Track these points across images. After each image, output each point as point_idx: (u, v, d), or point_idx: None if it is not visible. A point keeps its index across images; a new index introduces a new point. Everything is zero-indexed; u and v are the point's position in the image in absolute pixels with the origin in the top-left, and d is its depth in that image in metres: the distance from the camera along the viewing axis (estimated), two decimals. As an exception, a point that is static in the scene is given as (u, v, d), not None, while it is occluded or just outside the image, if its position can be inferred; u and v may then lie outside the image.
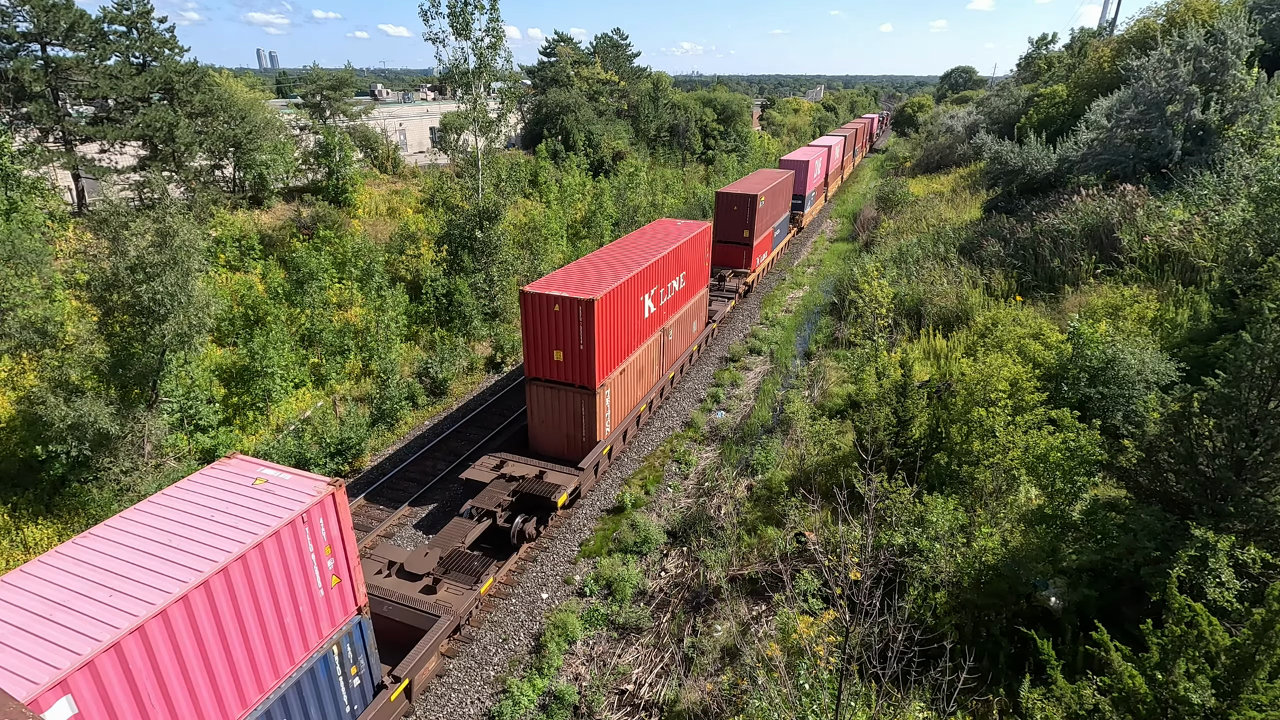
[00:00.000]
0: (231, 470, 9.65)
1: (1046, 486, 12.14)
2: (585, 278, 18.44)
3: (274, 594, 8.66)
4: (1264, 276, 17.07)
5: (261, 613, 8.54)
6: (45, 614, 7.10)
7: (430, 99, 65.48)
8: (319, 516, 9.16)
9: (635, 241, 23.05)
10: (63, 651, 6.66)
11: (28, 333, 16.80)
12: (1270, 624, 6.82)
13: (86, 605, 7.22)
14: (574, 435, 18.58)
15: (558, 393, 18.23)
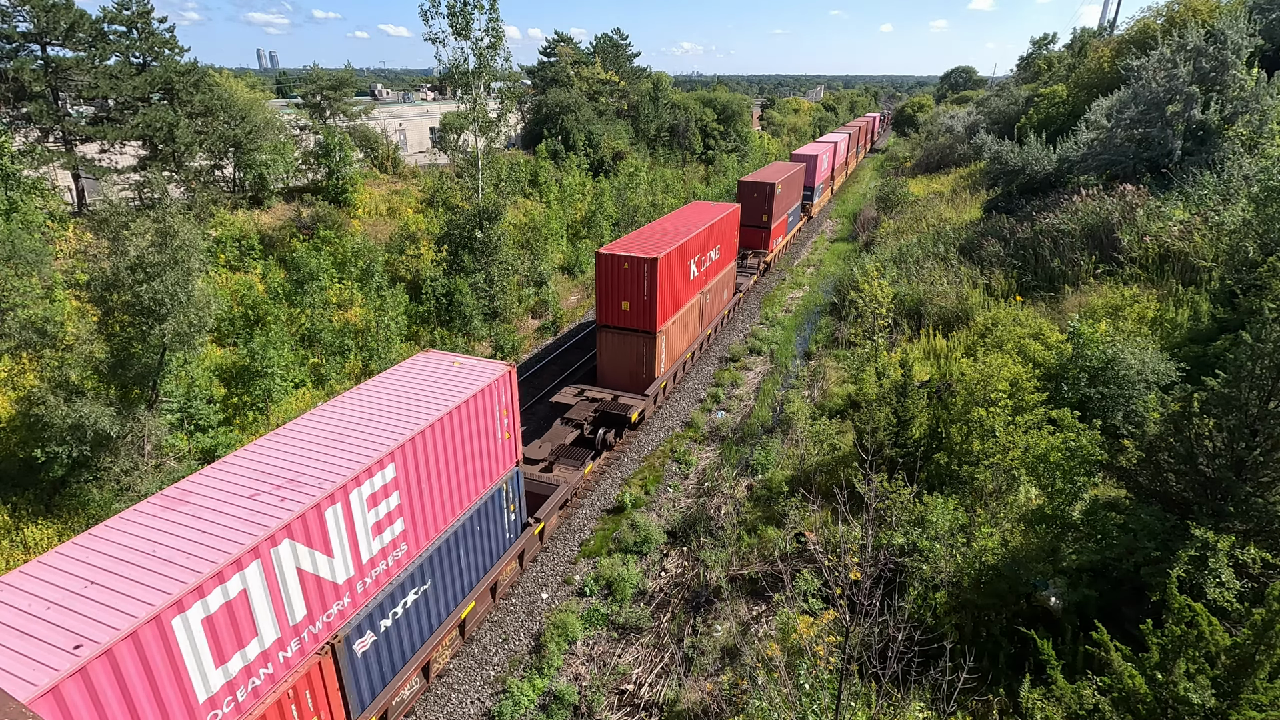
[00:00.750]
0: (432, 359, 13.84)
1: (1046, 486, 12.14)
2: (644, 244, 22.35)
3: (475, 436, 12.67)
4: (1264, 276, 17.07)
5: (468, 448, 12.55)
6: (336, 437, 10.73)
7: (430, 99, 65.49)
8: (500, 386, 13.26)
9: (679, 217, 26.97)
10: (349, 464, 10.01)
11: (28, 333, 16.80)
12: (1270, 624, 6.82)
13: (372, 429, 10.97)
14: (636, 371, 22.53)
15: (624, 336, 22.22)
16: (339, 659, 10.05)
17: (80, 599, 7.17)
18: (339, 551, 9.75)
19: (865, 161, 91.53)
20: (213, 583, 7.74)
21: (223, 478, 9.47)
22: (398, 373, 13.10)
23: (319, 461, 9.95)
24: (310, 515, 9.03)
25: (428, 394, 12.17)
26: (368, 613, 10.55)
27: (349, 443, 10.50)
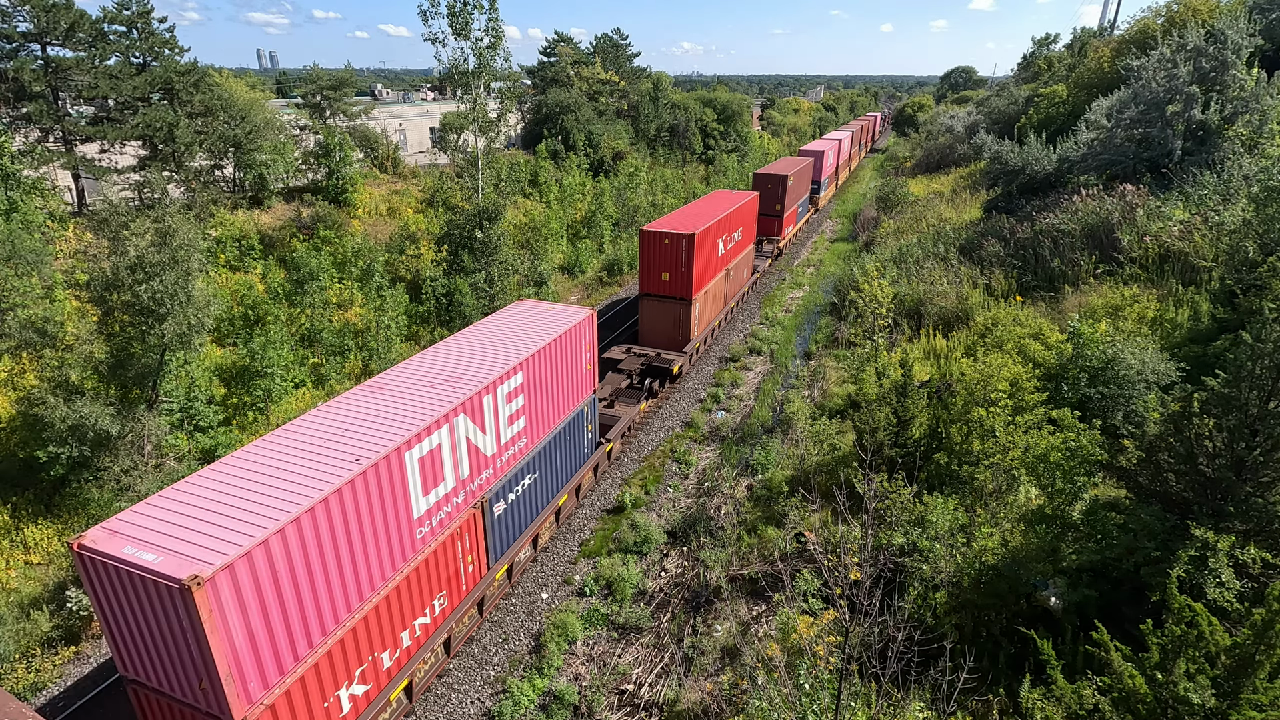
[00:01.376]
0: (529, 305, 17.57)
1: (1046, 486, 12.14)
2: (681, 223, 25.80)
3: (569, 363, 16.18)
4: (1264, 276, 17.07)
5: (565, 371, 16.04)
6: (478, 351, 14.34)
7: (430, 99, 65.49)
8: (585, 325, 16.78)
9: (707, 202, 30.40)
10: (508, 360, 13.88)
11: (28, 333, 16.80)
12: (1270, 624, 6.82)
13: (503, 348, 14.43)
14: (673, 334, 25.83)
15: (663, 303, 25.50)
16: (485, 515, 13.52)
17: (346, 436, 10.73)
18: (489, 431, 13.27)
19: (865, 161, 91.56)
20: (422, 434, 11.18)
21: (402, 375, 13.02)
22: (505, 314, 16.89)
23: (470, 366, 13.50)
24: (475, 399, 12.51)
25: (535, 327, 15.77)
26: (501, 485, 14.04)
27: (488, 355, 14.06)
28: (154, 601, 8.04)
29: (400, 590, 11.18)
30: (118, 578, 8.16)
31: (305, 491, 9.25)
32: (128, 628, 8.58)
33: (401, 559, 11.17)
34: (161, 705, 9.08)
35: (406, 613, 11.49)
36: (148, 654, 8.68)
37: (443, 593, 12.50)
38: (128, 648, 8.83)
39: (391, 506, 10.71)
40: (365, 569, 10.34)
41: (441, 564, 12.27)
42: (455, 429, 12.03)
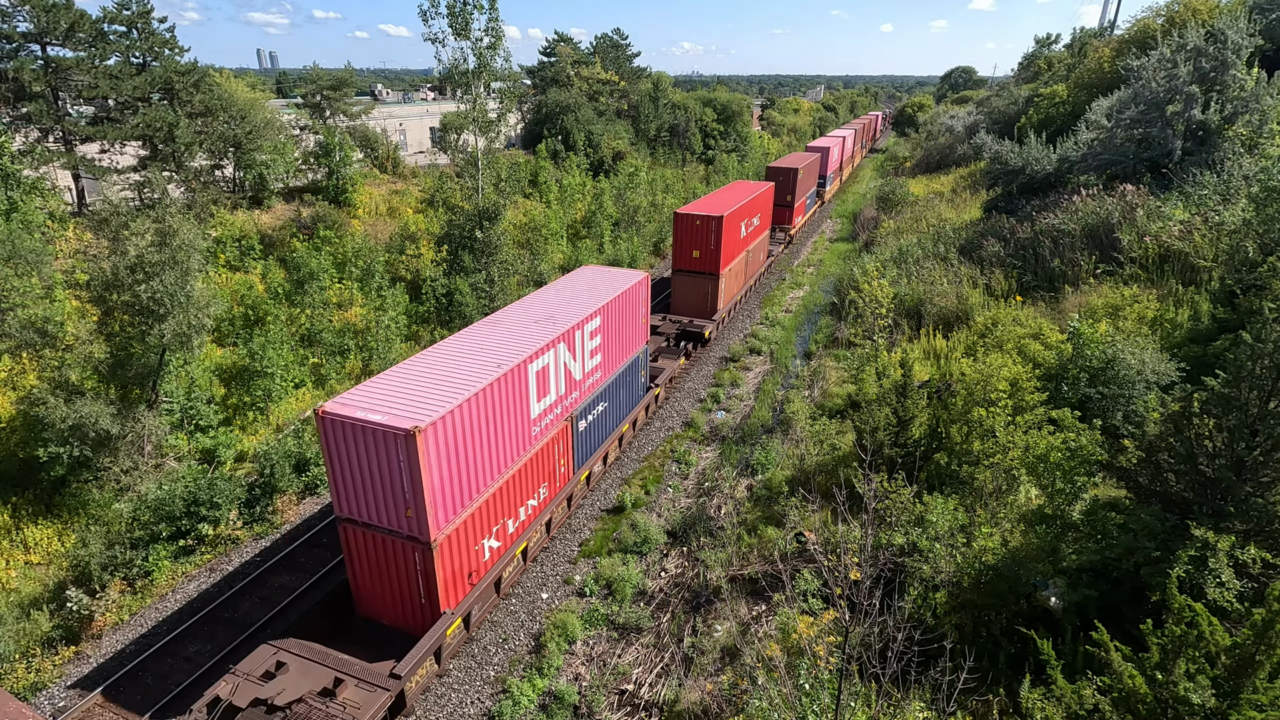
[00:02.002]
0: (594, 270, 21.48)
1: (1046, 486, 12.14)
2: (708, 207, 29.50)
3: (631, 314, 19.67)
4: (1264, 276, 17.07)
5: (627, 320, 19.61)
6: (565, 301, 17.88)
7: (430, 99, 65.49)
8: (643, 286, 20.31)
9: (729, 191, 34.15)
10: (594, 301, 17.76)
11: (28, 333, 16.80)
12: (1270, 624, 6.82)
13: (582, 299, 17.92)
14: (703, 305, 29.56)
15: (694, 277, 29.18)
16: (573, 429, 17.23)
17: (486, 352, 14.32)
18: (578, 360, 16.86)
19: (865, 161, 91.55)
20: (536, 355, 14.66)
21: (511, 316, 16.74)
22: (577, 274, 20.73)
23: (561, 310, 17.07)
24: (569, 332, 16.10)
25: (604, 285, 19.34)
26: (584, 406, 17.63)
27: (573, 303, 17.62)
28: (381, 448, 11.36)
29: (521, 473, 14.85)
30: (353, 432, 11.38)
31: (470, 382, 12.83)
32: (351, 474, 11.89)
33: (523, 448, 14.88)
34: (366, 536, 12.50)
35: (523, 492, 15.19)
36: (363, 494, 12.02)
37: (545, 484, 16.26)
38: (346, 492, 12.14)
39: (518, 405, 14.30)
40: (501, 449, 13.90)
41: (545, 460, 16.00)
42: (557, 354, 15.71)
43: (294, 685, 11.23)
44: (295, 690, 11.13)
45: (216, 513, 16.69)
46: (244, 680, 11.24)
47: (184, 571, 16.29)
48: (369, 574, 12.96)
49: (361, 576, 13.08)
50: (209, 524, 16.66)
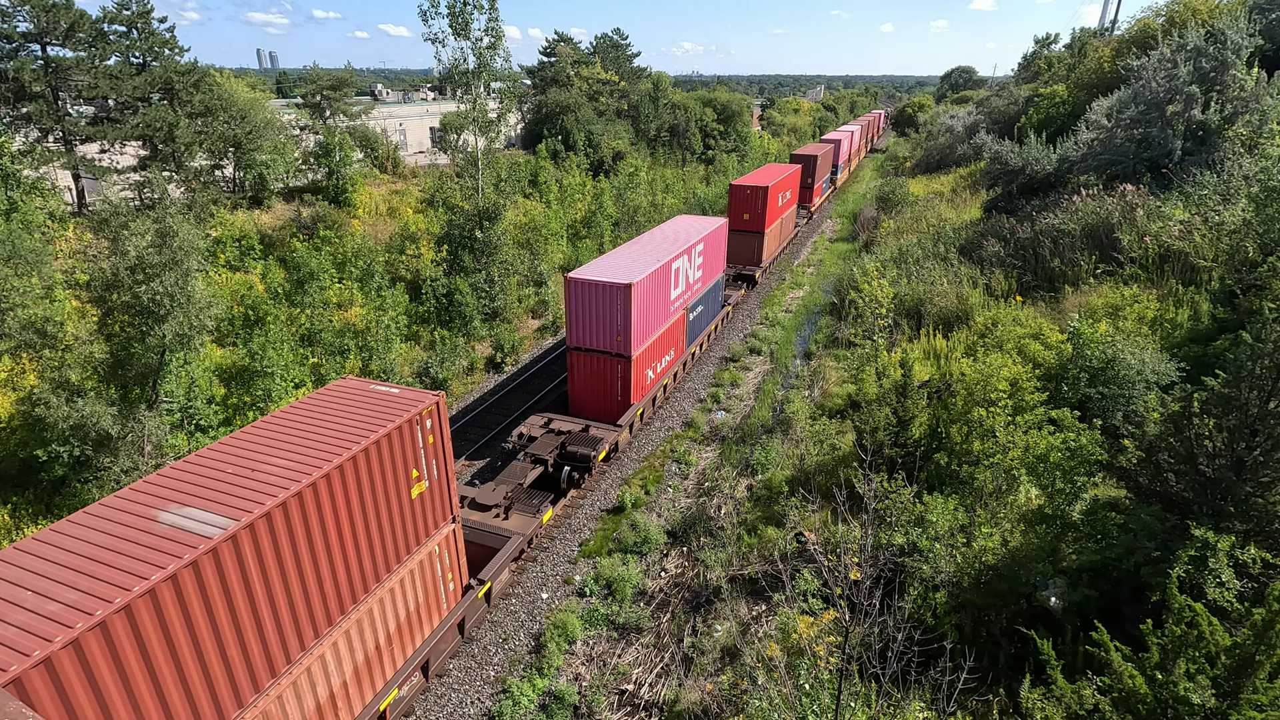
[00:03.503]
0: (688, 217, 29.51)
1: (1046, 486, 12.14)
2: (754, 180, 36.95)
3: (718, 247, 27.64)
4: (1264, 276, 17.07)
5: (717, 251, 27.84)
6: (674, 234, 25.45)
7: (430, 99, 65.49)
8: (724, 229, 28.21)
9: (763, 173, 40.46)
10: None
11: (28, 333, 16.80)
12: (1270, 624, 6.83)
13: (685, 234, 25.19)
14: (750, 257, 37.05)
15: (746, 235, 36.20)
16: (687, 316, 24.24)
17: (647, 253, 21.95)
18: (691, 268, 24.09)
19: (865, 161, 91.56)
20: (672, 260, 21.69)
21: (650, 237, 24.24)
22: (679, 220, 28.00)
23: (679, 237, 24.18)
24: (688, 249, 23.13)
25: (701, 225, 26.47)
26: (692, 303, 24.82)
27: (685, 235, 24.70)
28: (606, 297, 19.07)
29: (664, 334, 22.44)
30: (589, 289, 19.25)
31: (649, 264, 20.70)
32: (582, 317, 19.65)
33: (666, 317, 22.36)
34: (587, 357, 20.37)
35: (664, 348, 22.79)
36: (589, 329, 19.87)
37: (673, 349, 23.87)
38: (577, 329, 19.99)
39: (667, 287, 21.93)
40: (660, 312, 21.72)
41: (674, 331, 23.39)
42: (682, 262, 22.94)
43: (563, 426, 19.58)
44: (564, 427, 19.49)
45: (216, 513, 16.68)
46: (533, 426, 19.34)
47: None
48: (585, 383, 20.81)
49: (579, 385, 20.96)
50: (209, 524, 16.65)
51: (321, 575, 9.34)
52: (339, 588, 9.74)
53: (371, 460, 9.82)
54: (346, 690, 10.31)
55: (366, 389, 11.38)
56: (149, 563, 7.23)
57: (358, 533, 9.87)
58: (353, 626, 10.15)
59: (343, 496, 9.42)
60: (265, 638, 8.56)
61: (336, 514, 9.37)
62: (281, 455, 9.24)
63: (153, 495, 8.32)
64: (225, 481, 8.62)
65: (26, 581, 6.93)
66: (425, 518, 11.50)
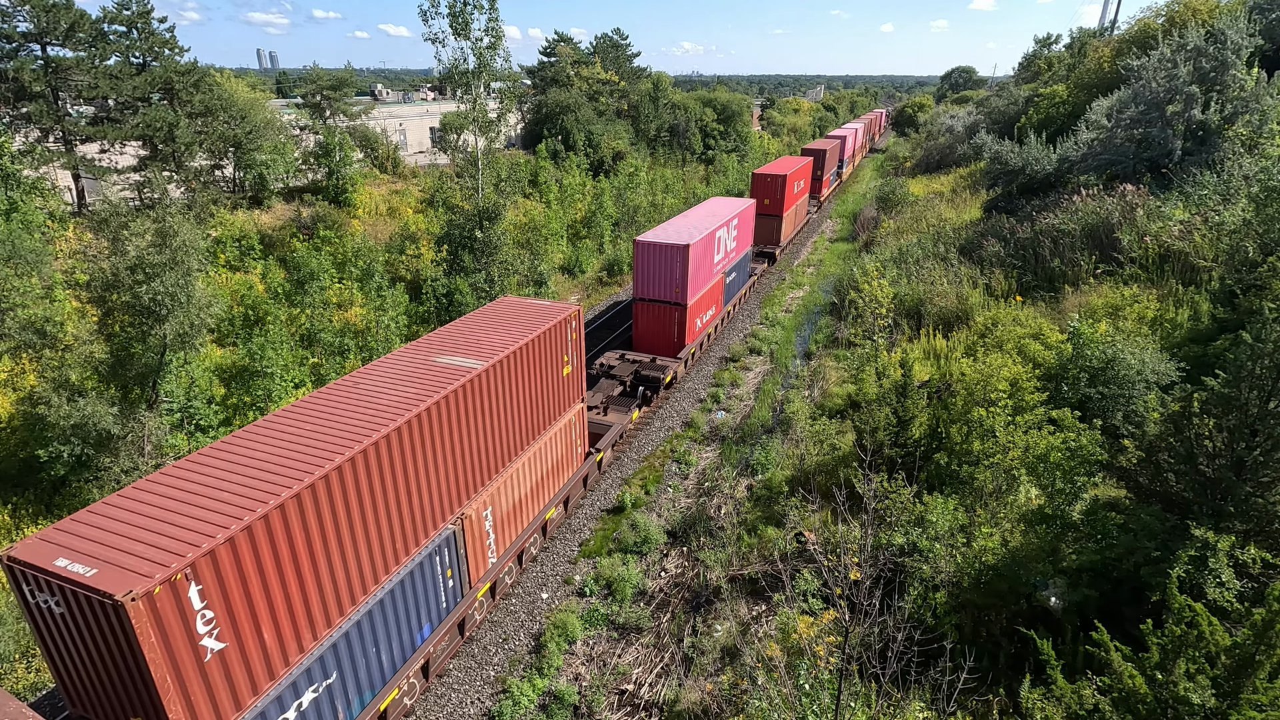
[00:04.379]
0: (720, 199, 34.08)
1: (1046, 486, 12.14)
2: (773, 169, 41.34)
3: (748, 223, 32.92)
4: (1264, 276, 17.07)
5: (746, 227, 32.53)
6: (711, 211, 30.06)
7: (430, 99, 65.49)
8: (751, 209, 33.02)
9: (779, 164, 44.62)
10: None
11: (28, 333, 16.80)
12: (1270, 624, 6.83)
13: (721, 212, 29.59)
14: (771, 236, 41.34)
15: (767, 218, 40.48)
16: (725, 282, 29.67)
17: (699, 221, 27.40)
18: (729, 239, 28.88)
19: (865, 161, 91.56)
20: (715, 231, 26.64)
21: (695, 211, 29.92)
22: (713, 200, 32.42)
23: (718, 214, 28.62)
24: (726, 222, 27.93)
25: (735, 204, 30.93)
26: (726, 269, 29.39)
27: (723, 211, 29.35)
28: (667, 256, 23.91)
29: (710, 291, 27.20)
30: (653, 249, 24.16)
31: (702, 230, 25.48)
32: (646, 273, 24.41)
33: (710, 278, 27.05)
34: (649, 306, 24.94)
35: (708, 303, 27.46)
36: (652, 282, 24.46)
37: (714, 306, 28.53)
38: (642, 282, 24.54)
39: (712, 252, 26.51)
40: (708, 270, 26.59)
41: (714, 291, 28.06)
42: (723, 232, 27.71)
43: (634, 358, 24.64)
44: (636, 358, 24.61)
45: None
46: (610, 358, 23.79)
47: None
48: (647, 326, 25.66)
49: (643, 329, 25.78)
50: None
51: (521, 409, 14.49)
52: (526, 424, 14.84)
53: (543, 343, 14.91)
54: (524, 503, 15.37)
55: (528, 303, 16.54)
56: (444, 381, 12.01)
57: (536, 390, 15.00)
58: (530, 457, 15.22)
59: (529, 363, 14.45)
60: (493, 444, 13.61)
61: (527, 375, 14.49)
62: (493, 334, 14.42)
63: (427, 348, 13.55)
64: (467, 344, 13.80)
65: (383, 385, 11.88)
66: (569, 392, 16.73)
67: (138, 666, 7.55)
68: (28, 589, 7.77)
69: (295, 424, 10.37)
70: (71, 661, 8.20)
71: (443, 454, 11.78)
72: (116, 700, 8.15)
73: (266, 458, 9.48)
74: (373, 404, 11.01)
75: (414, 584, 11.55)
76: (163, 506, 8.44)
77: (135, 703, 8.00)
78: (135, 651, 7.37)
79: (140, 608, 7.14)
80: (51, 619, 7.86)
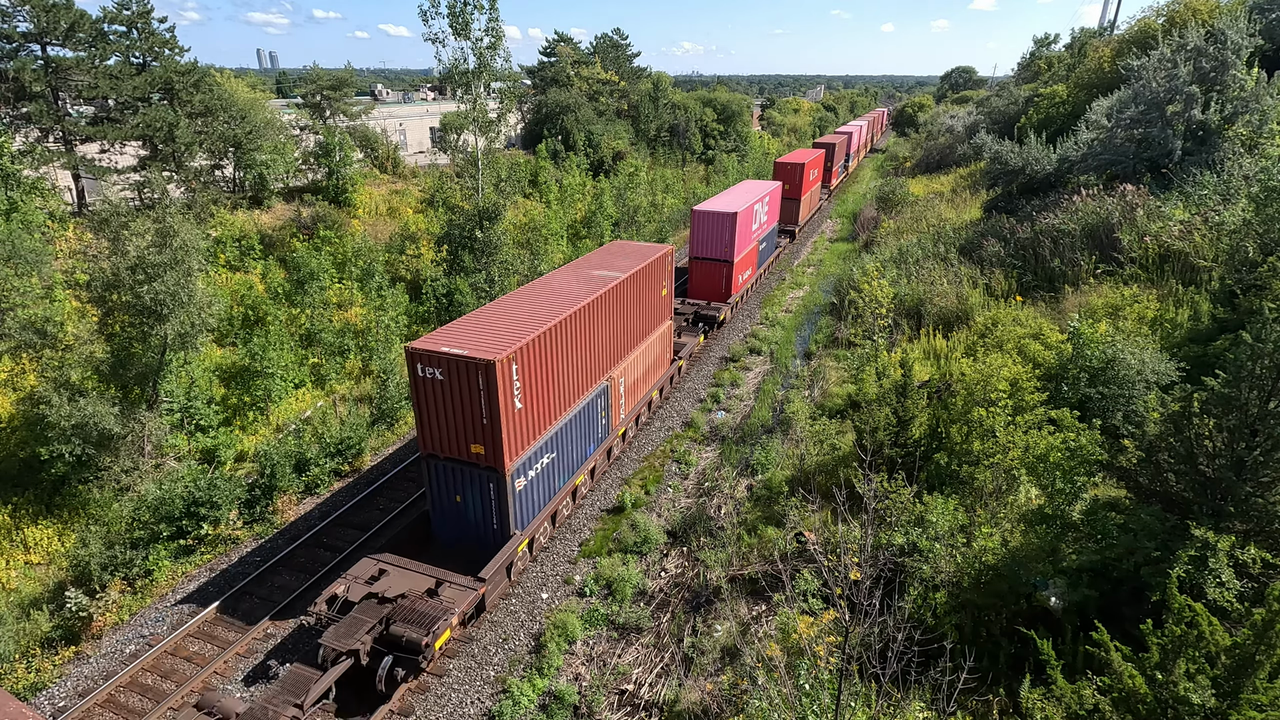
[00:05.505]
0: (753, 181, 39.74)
1: (1046, 486, 12.14)
2: (792, 159, 47.25)
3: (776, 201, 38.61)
4: (1264, 276, 17.07)
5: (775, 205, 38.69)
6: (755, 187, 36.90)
7: (430, 99, 65.48)
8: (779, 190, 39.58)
9: (797, 153, 51.52)
10: None
11: (28, 333, 16.80)
12: (1270, 624, 6.83)
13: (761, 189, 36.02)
14: (791, 216, 46.95)
15: (789, 200, 45.59)
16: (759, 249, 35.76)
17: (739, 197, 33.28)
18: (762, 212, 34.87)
19: (865, 161, 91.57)
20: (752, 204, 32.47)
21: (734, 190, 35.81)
22: (746, 183, 38.12)
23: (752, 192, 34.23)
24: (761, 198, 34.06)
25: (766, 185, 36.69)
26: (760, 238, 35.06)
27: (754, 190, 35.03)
28: (720, 223, 29.79)
29: (748, 254, 32.92)
30: (708, 217, 30.05)
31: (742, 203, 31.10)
32: (701, 236, 30.32)
33: (750, 241, 32.67)
34: (702, 264, 30.86)
35: (746, 265, 33.05)
36: (707, 244, 30.30)
37: (750, 268, 33.78)
38: (698, 243, 30.49)
39: (750, 220, 31.98)
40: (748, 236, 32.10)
41: (751, 255, 33.47)
42: (759, 206, 32.93)
43: (691, 301, 29.08)
44: (694, 301, 29.19)
45: (216, 512, 16.70)
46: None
47: (184, 571, 16.29)
48: (701, 279, 31.03)
49: (697, 281, 31.18)
50: (209, 524, 16.67)
51: (638, 313, 20.53)
52: (641, 324, 20.96)
53: (650, 270, 20.83)
54: (639, 384, 21.61)
55: (634, 244, 22.63)
56: (603, 283, 18.16)
57: (646, 302, 21.01)
58: (641, 353, 21.25)
59: (642, 282, 20.32)
60: (625, 334, 19.70)
61: (642, 289, 20.43)
62: (619, 261, 20.47)
63: (584, 265, 19.99)
64: (604, 267, 19.74)
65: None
66: (665, 309, 22.94)
67: (488, 408, 13.44)
68: (420, 366, 13.56)
69: (533, 297, 16.90)
70: (435, 415, 14.07)
71: (603, 328, 18.03)
72: (459, 438, 14.14)
73: (530, 310, 15.92)
74: (569, 292, 17.38)
75: (588, 412, 17.89)
76: (486, 326, 14.80)
77: (479, 436, 13.88)
78: (492, 397, 13.29)
79: (498, 368, 13.06)
80: (432, 385, 13.70)
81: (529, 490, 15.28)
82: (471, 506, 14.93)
